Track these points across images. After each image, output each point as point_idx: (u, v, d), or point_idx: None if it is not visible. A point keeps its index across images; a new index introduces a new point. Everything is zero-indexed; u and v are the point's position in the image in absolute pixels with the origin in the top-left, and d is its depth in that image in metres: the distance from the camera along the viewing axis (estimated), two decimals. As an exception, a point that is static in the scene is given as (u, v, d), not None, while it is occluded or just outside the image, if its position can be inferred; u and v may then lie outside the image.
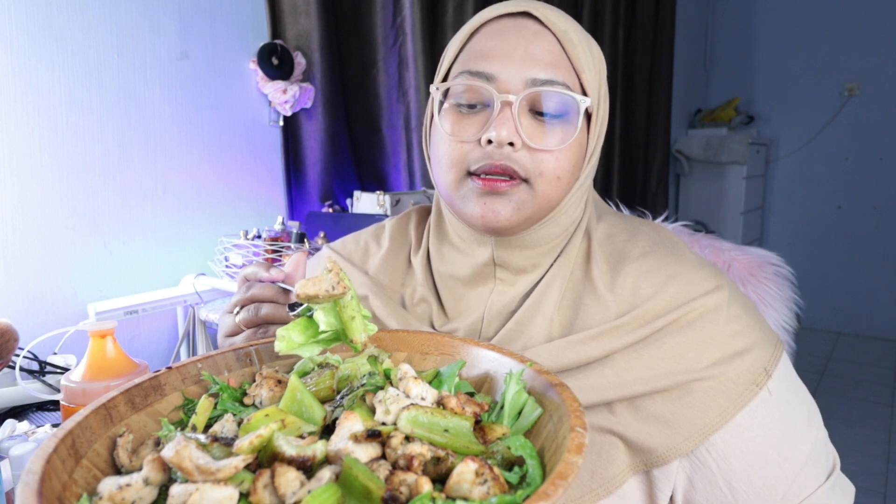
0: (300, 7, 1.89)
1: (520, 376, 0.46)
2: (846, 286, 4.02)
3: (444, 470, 0.37)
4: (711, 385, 0.61)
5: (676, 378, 0.60)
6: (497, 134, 0.61)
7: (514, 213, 0.63)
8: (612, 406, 0.62)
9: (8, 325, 0.98)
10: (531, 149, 0.63)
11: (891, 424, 2.86)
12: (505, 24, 0.65)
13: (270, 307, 0.59)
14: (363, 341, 0.51)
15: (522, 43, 0.63)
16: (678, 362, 0.61)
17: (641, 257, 0.68)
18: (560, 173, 0.64)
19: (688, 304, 0.63)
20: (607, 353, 0.62)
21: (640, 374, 0.61)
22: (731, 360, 0.61)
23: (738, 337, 0.63)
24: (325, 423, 0.44)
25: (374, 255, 0.80)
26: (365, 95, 2.15)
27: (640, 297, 0.64)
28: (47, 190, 1.40)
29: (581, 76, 0.65)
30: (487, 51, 0.64)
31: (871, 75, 3.81)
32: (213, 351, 0.55)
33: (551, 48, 0.63)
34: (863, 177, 3.92)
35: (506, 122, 0.61)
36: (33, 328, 1.36)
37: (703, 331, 0.62)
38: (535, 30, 0.64)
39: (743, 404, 0.60)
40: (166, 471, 0.37)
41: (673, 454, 0.60)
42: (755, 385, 0.61)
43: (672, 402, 0.61)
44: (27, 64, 1.35)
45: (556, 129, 0.63)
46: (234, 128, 1.80)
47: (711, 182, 3.90)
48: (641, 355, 0.62)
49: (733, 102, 4.16)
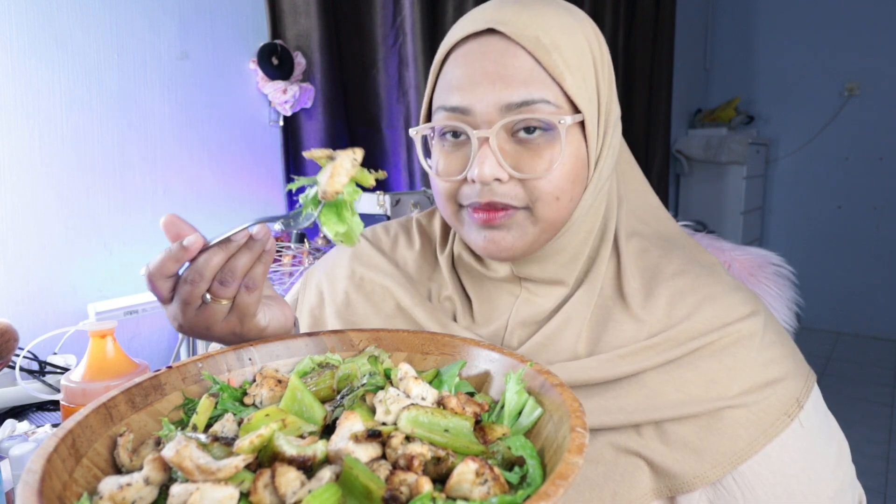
0: (300, 7, 1.88)
1: (520, 376, 0.46)
2: (846, 286, 4.02)
3: (444, 470, 0.37)
4: (742, 413, 0.59)
5: (707, 405, 0.59)
6: (480, 172, 0.58)
7: (517, 241, 0.62)
8: (639, 428, 0.60)
9: (8, 325, 0.98)
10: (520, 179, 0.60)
11: (891, 424, 2.86)
12: (471, 48, 0.61)
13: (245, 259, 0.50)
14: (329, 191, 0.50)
15: (490, 66, 0.59)
16: (710, 388, 0.60)
17: (677, 275, 0.65)
18: (558, 194, 0.61)
19: (723, 328, 0.61)
20: (637, 372, 0.61)
21: (670, 398, 0.60)
22: (763, 388, 0.60)
23: (772, 365, 0.61)
24: (325, 423, 0.44)
25: (403, 247, 0.79)
26: (365, 95, 2.15)
27: (675, 317, 0.62)
28: (47, 190, 1.40)
29: (563, 84, 0.59)
30: (457, 81, 0.61)
31: (871, 75, 3.81)
32: (212, 351, 0.55)
33: (522, 64, 0.59)
34: (863, 177, 3.92)
35: (486, 159, 0.58)
36: (33, 328, 1.36)
37: (736, 357, 0.60)
38: (501, 47, 0.59)
39: (774, 435, 0.59)
40: (167, 470, 0.37)
41: (699, 482, 0.58)
42: (787, 416, 0.59)
43: (701, 429, 0.59)
44: (27, 64, 1.35)
45: (544, 150, 0.60)
46: (234, 128, 1.80)
47: (711, 182, 3.89)
48: (672, 377, 0.60)
49: (733, 102, 4.16)
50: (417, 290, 0.73)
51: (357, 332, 0.57)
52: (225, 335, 0.55)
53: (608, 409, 0.60)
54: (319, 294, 0.79)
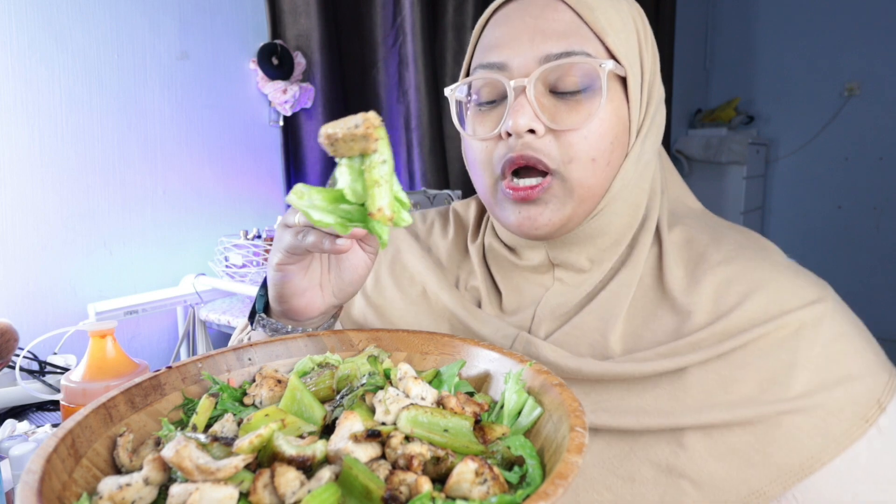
0: (300, 7, 1.89)
1: (520, 376, 0.46)
2: (846, 286, 4.00)
3: (443, 470, 0.37)
4: (807, 418, 0.51)
5: (761, 408, 0.51)
6: (514, 123, 0.55)
7: (553, 215, 0.58)
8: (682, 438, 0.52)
9: (8, 325, 0.99)
10: (556, 132, 0.56)
11: (891, 424, 2.85)
12: (511, 8, 0.60)
13: (316, 235, 0.50)
14: (385, 213, 0.41)
15: (530, 21, 0.57)
16: (764, 388, 0.52)
17: (725, 262, 0.58)
18: (594, 154, 0.56)
19: (780, 317, 0.53)
20: (678, 368, 0.54)
21: (718, 400, 0.52)
22: (832, 387, 0.51)
23: (844, 359, 0.52)
24: (325, 423, 0.44)
25: (437, 234, 0.77)
26: (365, 95, 2.15)
27: (722, 307, 0.55)
28: (47, 190, 1.40)
29: (605, 39, 0.57)
30: (496, 39, 0.59)
31: (871, 75, 3.81)
32: (213, 351, 0.55)
33: (562, 17, 0.57)
34: (863, 177, 3.92)
35: (522, 108, 0.56)
36: (33, 328, 1.36)
37: (796, 351, 0.52)
38: (542, 4, 0.58)
39: (847, 444, 0.50)
40: (166, 470, 0.37)
41: (754, 500, 0.51)
42: (865, 421, 0.50)
43: (757, 438, 0.51)
44: (27, 64, 1.35)
45: (583, 104, 0.56)
46: (234, 128, 1.80)
47: (711, 182, 3.89)
48: (721, 376, 0.53)
49: (733, 102, 4.16)
50: (445, 276, 0.71)
51: (357, 332, 0.57)
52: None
53: (645, 409, 0.53)
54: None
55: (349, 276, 0.58)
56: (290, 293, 0.57)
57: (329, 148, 0.43)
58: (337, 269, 0.58)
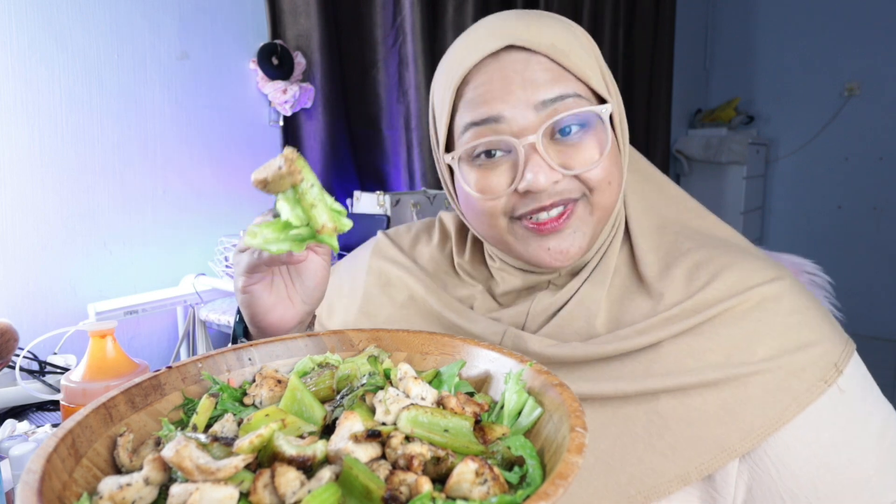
0: (300, 7, 1.89)
1: (520, 376, 0.46)
2: (846, 286, 4.01)
3: (444, 470, 0.37)
4: (770, 379, 0.55)
5: (729, 371, 0.55)
6: (535, 181, 0.58)
7: (582, 241, 0.62)
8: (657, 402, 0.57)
9: (8, 325, 0.99)
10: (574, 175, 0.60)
11: (891, 424, 2.85)
12: (490, 66, 0.60)
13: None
14: (328, 226, 0.47)
15: (515, 76, 0.59)
16: (731, 354, 0.56)
17: (696, 249, 0.64)
18: (610, 178, 0.61)
19: (744, 293, 0.58)
20: (653, 343, 0.58)
21: (688, 366, 0.57)
22: (793, 352, 0.56)
23: (803, 328, 0.57)
24: (325, 423, 0.44)
25: (423, 245, 0.80)
26: (365, 95, 2.15)
27: (693, 287, 0.60)
28: (47, 190, 1.40)
29: (588, 82, 0.61)
30: (484, 95, 0.60)
31: (871, 75, 3.81)
32: (212, 351, 0.55)
33: (546, 67, 0.59)
34: (863, 177, 3.92)
35: (539, 166, 0.58)
36: (33, 328, 1.36)
37: (759, 321, 0.57)
38: (523, 58, 0.59)
39: (808, 402, 0.54)
40: (166, 470, 0.37)
41: (727, 456, 0.54)
42: (823, 381, 0.54)
43: (725, 400, 0.55)
44: (27, 64, 1.35)
45: (588, 141, 0.60)
46: (234, 128, 1.80)
47: (711, 182, 3.89)
48: (691, 347, 0.58)
49: (733, 102, 4.16)
50: (432, 282, 0.74)
51: (357, 332, 0.57)
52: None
53: (621, 376, 0.58)
54: (339, 287, 0.82)
55: (311, 281, 0.61)
56: (262, 311, 0.60)
57: (263, 190, 0.49)
58: (299, 278, 0.61)
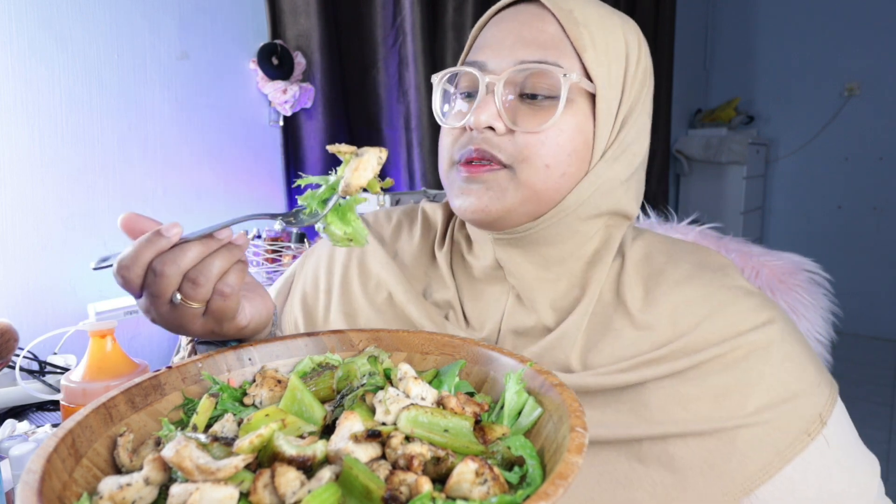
0: (300, 7, 1.89)
1: (520, 376, 0.46)
2: (846, 286, 4.01)
3: (444, 470, 0.37)
4: (756, 433, 0.54)
5: (716, 423, 0.54)
6: (476, 119, 0.59)
7: (494, 200, 0.59)
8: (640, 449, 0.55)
9: (8, 325, 0.99)
10: (515, 133, 0.59)
11: (891, 424, 2.86)
12: (507, 14, 0.63)
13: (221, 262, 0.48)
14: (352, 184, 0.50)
15: (516, 27, 0.60)
16: (720, 405, 0.55)
17: (683, 282, 0.60)
18: (549, 161, 0.58)
19: (734, 338, 0.56)
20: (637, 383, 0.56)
21: (675, 416, 0.55)
22: (780, 404, 0.55)
23: (790, 378, 0.56)
24: (325, 423, 0.44)
25: (404, 237, 0.77)
26: (365, 95, 2.15)
27: (681, 327, 0.57)
28: (47, 190, 1.40)
29: (583, 55, 0.59)
30: (486, 41, 0.63)
31: (871, 75, 3.81)
32: (212, 351, 0.55)
33: (547, 28, 0.59)
34: (863, 177, 3.92)
35: (486, 105, 0.59)
36: (33, 328, 1.36)
37: (750, 371, 0.55)
38: (533, 13, 0.61)
39: (792, 456, 0.54)
40: (167, 470, 0.37)
41: None
42: (807, 435, 0.54)
43: (710, 451, 0.54)
44: (27, 64, 1.35)
45: (544, 111, 0.58)
46: (234, 128, 1.80)
47: (711, 182, 3.89)
48: (678, 392, 0.55)
49: (733, 102, 4.16)
50: (412, 285, 0.70)
51: (357, 332, 0.57)
52: (203, 334, 0.52)
53: (605, 422, 0.56)
54: (315, 278, 0.77)
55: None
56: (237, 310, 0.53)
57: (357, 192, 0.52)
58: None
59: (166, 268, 0.46)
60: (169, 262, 0.46)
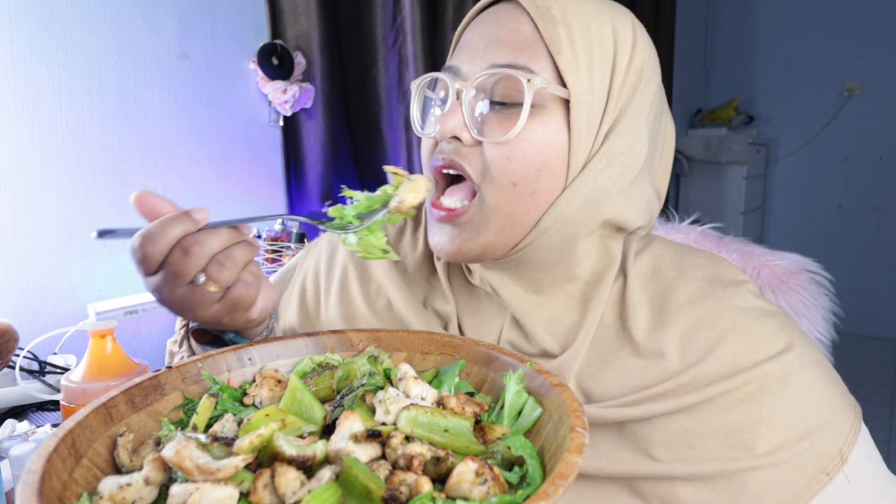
0: (300, 7, 1.88)
1: (520, 376, 0.46)
2: (846, 286, 4.00)
3: (444, 470, 0.37)
4: (770, 475, 0.49)
5: (727, 464, 0.49)
6: (441, 128, 0.55)
7: (468, 241, 0.56)
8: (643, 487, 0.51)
9: (8, 325, 0.99)
10: (482, 144, 0.54)
11: (891, 424, 2.86)
12: (486, 15, 0.58)
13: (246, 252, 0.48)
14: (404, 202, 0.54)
15: (493, 29, 0.56)
16: (731, 445, 0.50)
17: (693, 301, 0.55)
18: (515, 178, 0.53)
19: (748, 370, 0.51)
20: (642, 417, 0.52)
21: (682, 455, 0.51)
22: (797, 443, 0.50)
23: (809, 412, 0.51)
24: (325, 423, 0.44)
25: (407, 242, 0.73)
26: (365, 95, 2.15)
27: (690, 356, 0.53)
28: (47, 190, 1.40)
29: (557, 57, 0.52)
30: (462, 44, 0.59)
31: (871, 75, 3.81)
32: (212, 351, 0.55)
33: (522, 29, 0.54)
34: (863, 177, 3.92)
35: (454, 114, 0.55)
36: (33, 328, 1.36)
37: (764, 407, 0.50)
38: (508, 13, 0.55)
39: (808, 498, 0.49)
40: (167, 470, 0.37)
41: None
42: (825, 475, 0.49)
43: (719, 494, 0.50)
44: (27, 64, 1.35)
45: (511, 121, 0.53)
46: (234, 128, 1.80)
47: (711, 182, 3.89)
48: (685, 429, 0.51)
49: (733, 102, 4.16)
50: (413, 292, 0.68)
51: (357, 333, 0.57)
52: (210, 321, 0.51)
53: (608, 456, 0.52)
54: (315, 274, 0.76)
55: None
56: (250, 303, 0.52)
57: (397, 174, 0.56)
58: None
59: (196, 248, 0.46)
60: (199, 242, 0.46)
